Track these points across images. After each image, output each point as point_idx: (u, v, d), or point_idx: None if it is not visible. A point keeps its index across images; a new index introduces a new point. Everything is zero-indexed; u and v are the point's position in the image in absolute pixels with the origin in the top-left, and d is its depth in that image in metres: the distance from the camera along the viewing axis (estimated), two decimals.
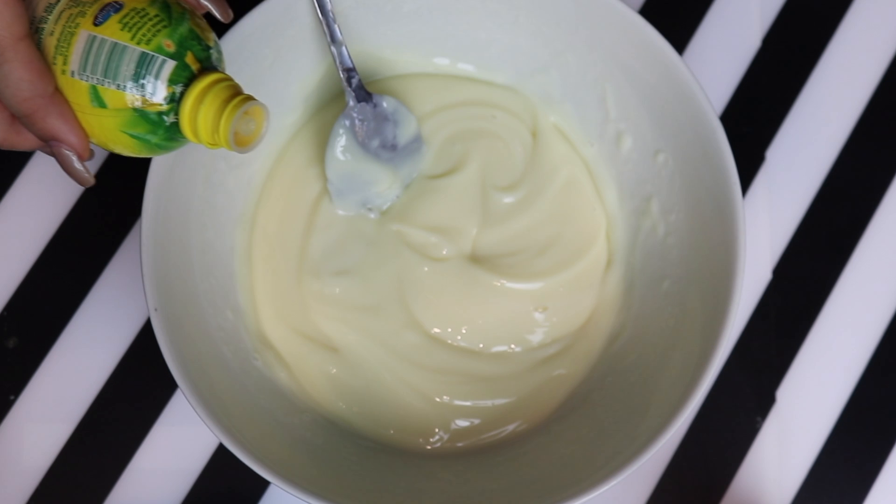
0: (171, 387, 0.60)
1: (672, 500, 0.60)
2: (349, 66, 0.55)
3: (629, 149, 0.58)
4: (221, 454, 0.60)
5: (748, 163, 0.64)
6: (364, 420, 0.57)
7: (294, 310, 0.57)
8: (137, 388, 0.60)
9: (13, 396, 0.60)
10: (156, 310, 0.49)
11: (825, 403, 0.62)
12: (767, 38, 0.65)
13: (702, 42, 0.65)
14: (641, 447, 0.49)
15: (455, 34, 0.58)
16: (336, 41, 0.55)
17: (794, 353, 0.62)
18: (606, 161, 0.59)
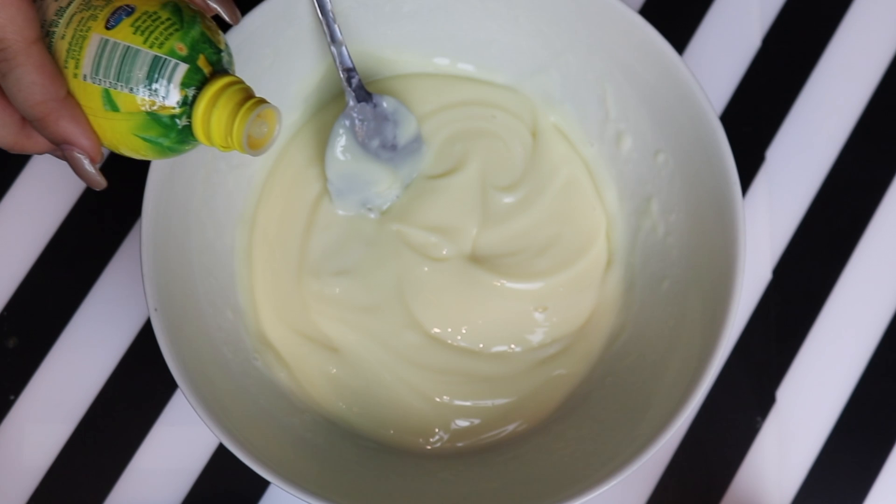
0: (171, 387, 0.60)
1: (672, 500, 0.60)
2: (349, 66, 0.55)
3: (629, 149, 0.58)
4: (221, 454, 0.60)
5: (748, 163, 0.64)
6: (364, 420, 0.57)
7: (294, 310, 0.57)
8: (137, 388, 0.60)
9: (13, 396, 0.60)
10: (156, 310, 0.49)
11: (825, 403, 0.62)
12: (767, 38, 0.65)
13: (702, 42, 0.65)
14: (641, 447, 0.49)
15: (455, 34, 0.58)
16: (336, 41, 0.55)
17: (794, 353, 0.62)
18: (606, 161, 0.59)
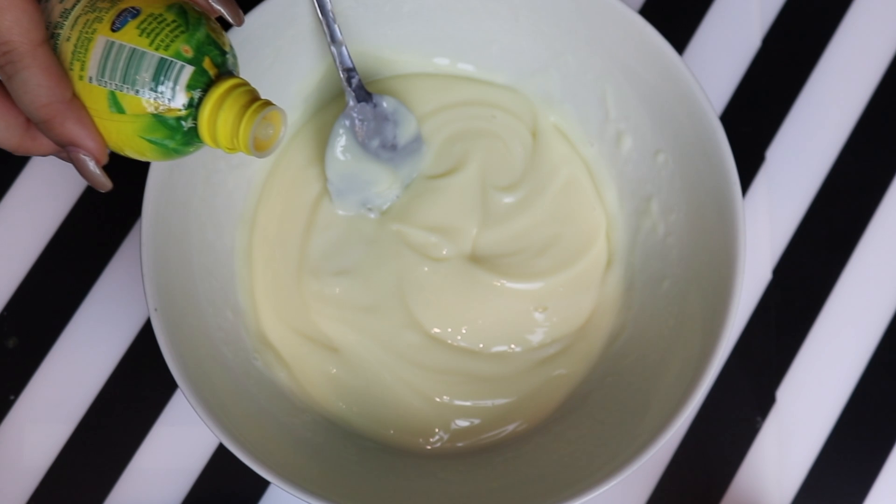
0: (171, 387, 0.60)
1: (672, 500, 0.60)
2: (349, 66, 0.55)
3: (629, 149, 0.58)
4: (221, 454, 0.60)
5: (748, 163, 0.64)
6: (364, 420, 0.57)
7: (294, 310, 0.57)
8: (137, 388, 0.60)
9: (13, 396, 0.60)
10: (156, 310, 0.49)
11: (825, 403, 0.62)
12: (767, 38, 0.65)
13: (702, 42, 0.65)
14: (641, 447, 0.49)
15: (455, 34, 0.58)
16: (336, 41, 0.55)
17: (794, 353, 0.62)
18: (606, 161, 0.59)
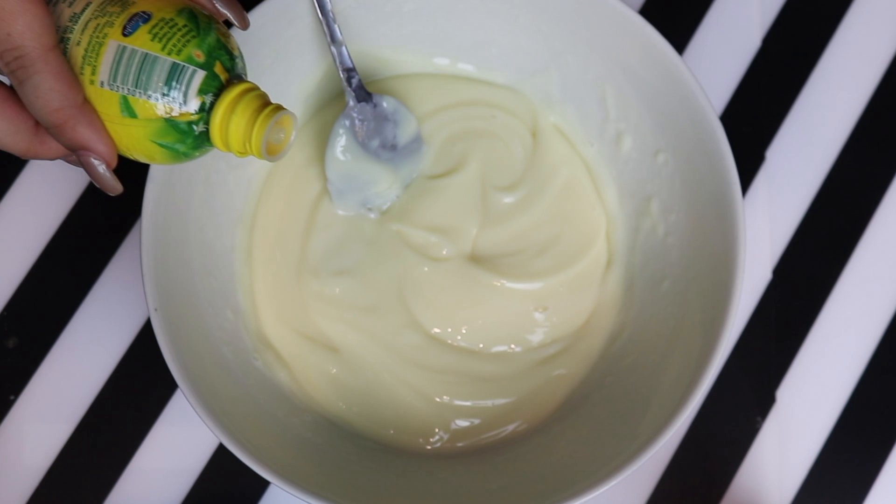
0: (171, 387, 0.60)
1: (672, 500, 0.60)
2: (349, 66, 0.55)
3: (629, 149, 0.58)
4: (221, 454, 0.60)
5: (748, 163, 0.64)
6: (364, 420, 0.57)
7: (294, 310, 0.57)
8: (137, 388, 0.60)
9: (13, 396, 0.60)
10: (156, 310, 0.49)
11: (825, 403, 0.62)
12: (767, 38, 0.65)
13: (702, 42, 0.65)
14: (641, 447, 0.49)
15: (455, 34, 0.58)
16: (336, 41, 0.55)
17: (794, 353, 0.62)
18: (606, 161, 0.59)
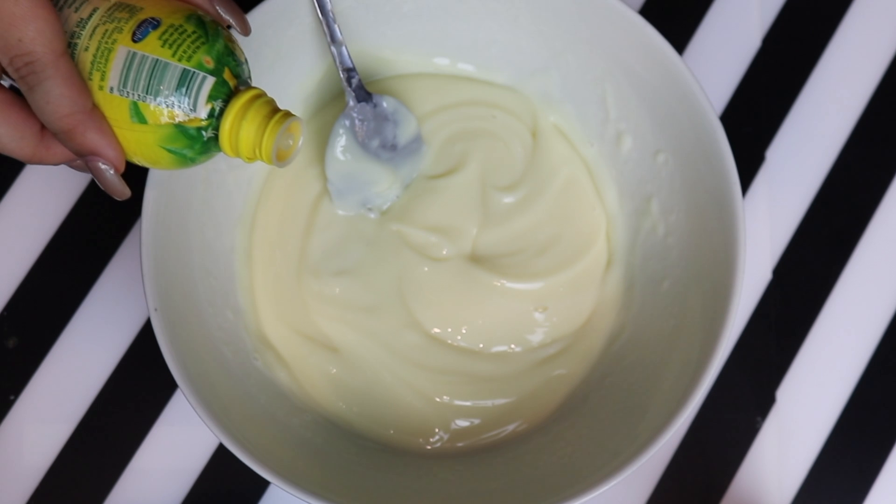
0: (171, 387, 0.60)
1: (672, 500, 0.60)
2: (349, 66, 0.55)
3: (629, 149, 0.58)
4: (221, 454, 0.60)
5: (748, 163, 0.64)
6: (364, 420, 0.57)
7: (294, 310, 0.57)
8: (137, 388, 0.60)
9: (13, 396, 0.60)
10: (156, 310, 0.49)
11: (825, 403, 0.62)
12: (767, 38, 0.65)
13: (702, 42, 0.65)
14: (641, 447, 0.49)
15: (455, 34, 0.58)
16: (336, 41, 0.55)
17: (794, 353, 0.62)
18: (606, 161, 0.59)
